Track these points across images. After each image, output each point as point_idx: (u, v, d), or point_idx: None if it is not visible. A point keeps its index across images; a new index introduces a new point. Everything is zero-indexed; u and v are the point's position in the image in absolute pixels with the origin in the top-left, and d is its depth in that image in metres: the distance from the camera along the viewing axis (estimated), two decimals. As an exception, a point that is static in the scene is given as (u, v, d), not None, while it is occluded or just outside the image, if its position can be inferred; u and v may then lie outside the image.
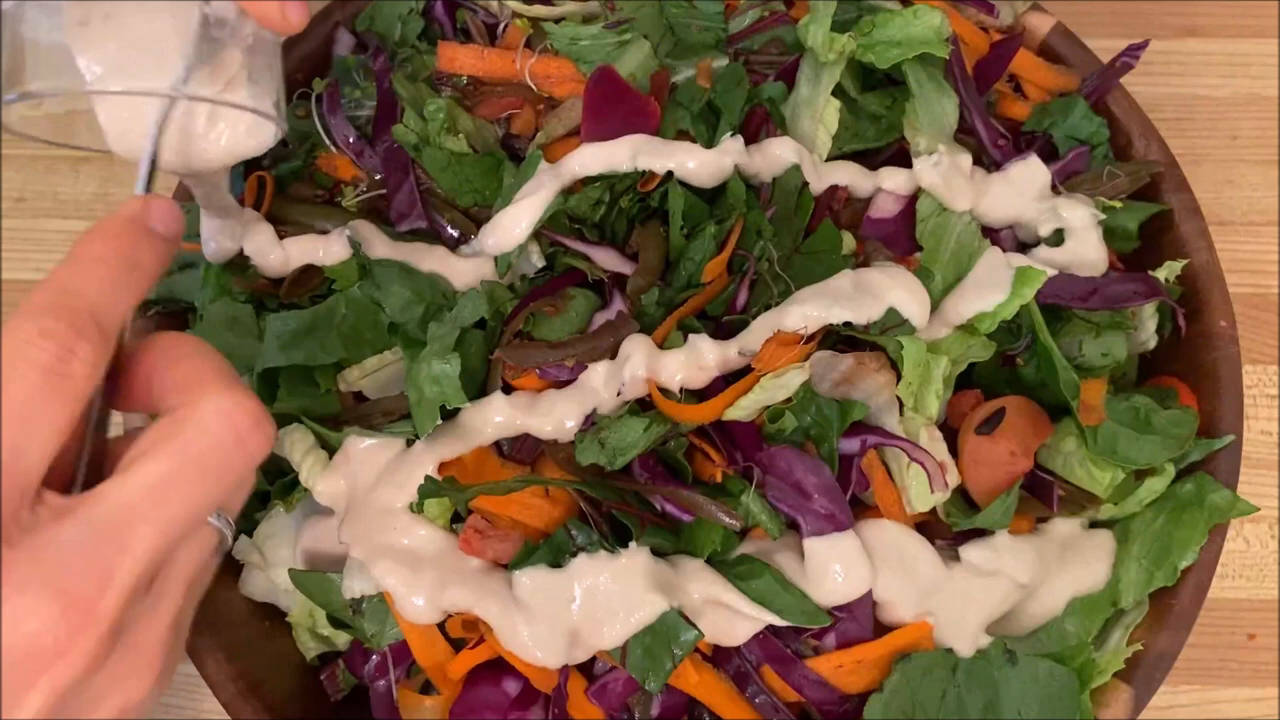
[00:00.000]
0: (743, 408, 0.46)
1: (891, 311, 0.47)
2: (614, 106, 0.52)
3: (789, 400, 0.46)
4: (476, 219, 0.54)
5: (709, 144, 0.52)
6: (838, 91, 0.53)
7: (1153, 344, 0.53)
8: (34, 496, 0.28)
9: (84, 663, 0.28)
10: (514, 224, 0.50)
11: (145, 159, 0.36)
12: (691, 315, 0.49)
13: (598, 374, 0.47)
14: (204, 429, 0.31)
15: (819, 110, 0.53)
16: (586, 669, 0.47)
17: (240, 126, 0.41)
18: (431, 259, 0.52)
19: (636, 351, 0.47)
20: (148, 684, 0.31)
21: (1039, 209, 0.52)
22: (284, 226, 0.53)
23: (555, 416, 0.47)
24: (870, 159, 0.54)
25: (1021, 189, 0.53)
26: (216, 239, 0.49)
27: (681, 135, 0.53)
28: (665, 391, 0.47)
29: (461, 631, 0.47)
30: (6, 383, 0.28)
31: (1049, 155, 0.55)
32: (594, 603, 0.44)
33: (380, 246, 0.51)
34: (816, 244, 0.51)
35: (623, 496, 0.46)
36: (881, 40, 0.52)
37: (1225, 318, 0.52)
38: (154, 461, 0.30)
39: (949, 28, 0.52)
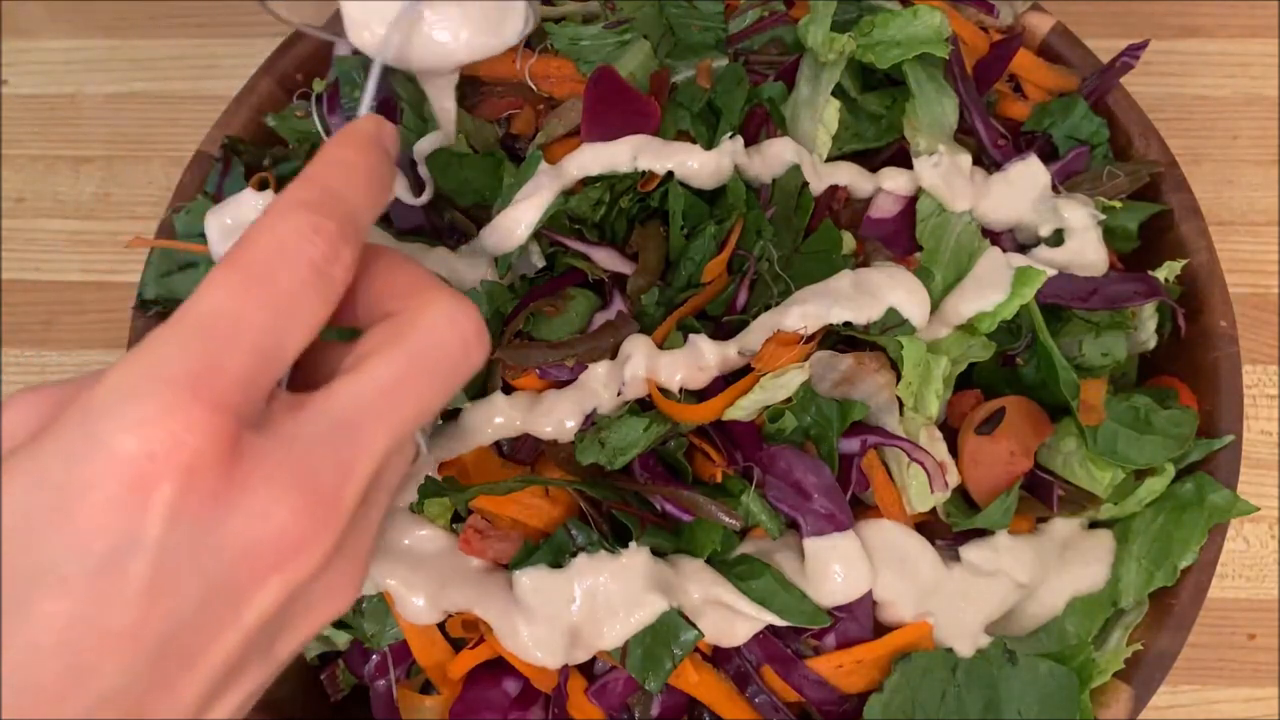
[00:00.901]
0: (743, 408, 0.46)
1: (891, 311, 0.47)
2: (614, 106, 0.52)
3: (789, 400, 0.46)
4: (476, 219, 0.54)
5: (709, 144, 0.52)
6: (838, 91, 0.53)
7: (1153, 344, 0.53)
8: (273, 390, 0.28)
9: (315, 563, 0.27)
10: (514, 225, 0.50)
11: (376, 68, 0.35)
12: (691, 315, 0.49)
13: (598, 374, 0.47)
14: (433, 332, 0.30)
15: (819, 110, 0.53)
16: (586, 669, 0.47)
17: (480, 22, 0.40)
18: (431, 259, 0.52)
19: (636, 351, 0.47)
20: (351, 597, 0.30)
21: (1039, 209, 0.52)
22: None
23: (555, 417, 0.47)
24: (870, 159, 0.54)
25: (1021, 189, 0.53)
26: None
27: (681, 135, 0.53)
28: (665, 391, 0.47)
29: (461, 631, 0.47)
30: (279, 269, 0.27)
31: (1049, 155, 0.55)
32: (594, 603, 0.44)
33: (380, 246, 0.52)
34: (816, 244, 0.51)
35: (623, 496, 0.46)
36: (881, 40, 0.52)
37: (1225, 318, 0.52)
38: (385, 362, 0.29)
39: (949, 28, 0.52)
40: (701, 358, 0.47)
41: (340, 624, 0.50)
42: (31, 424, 0.27)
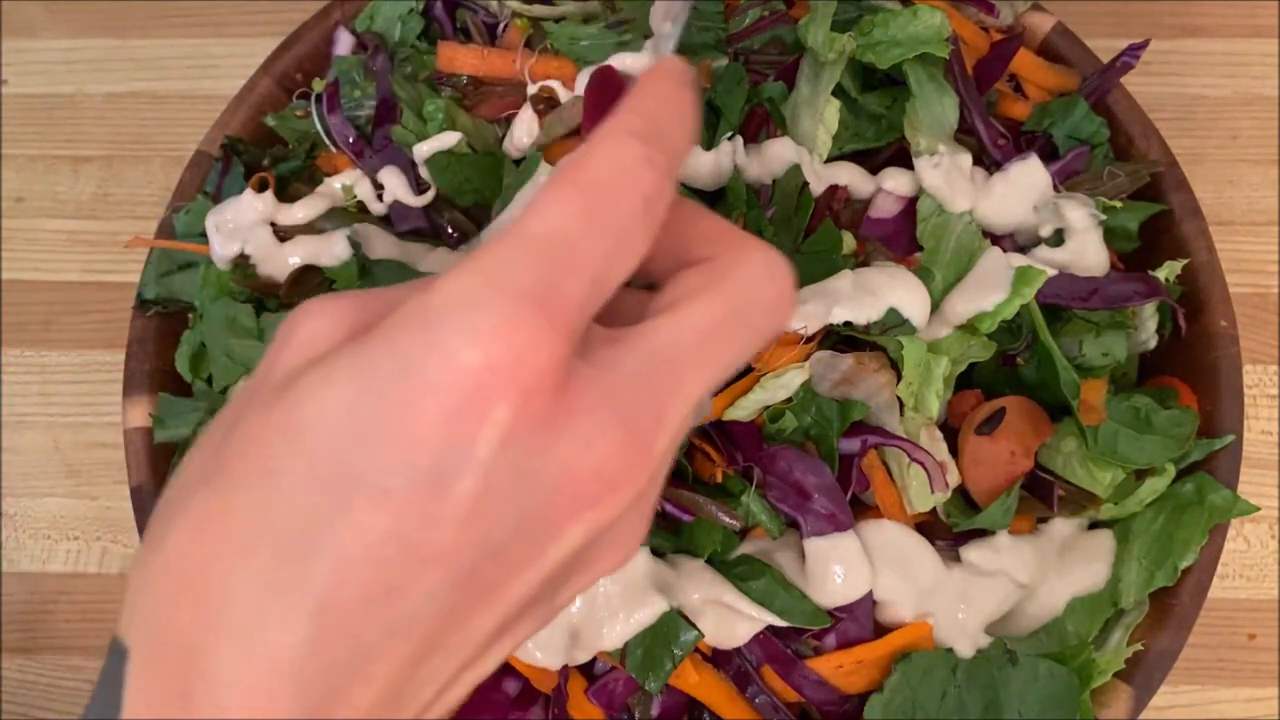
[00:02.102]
0: (743, 408, 0.46)
1: (892, 311, 0.47)
2: (614, 106, 0.52)
3: (789, 400, 0.46)
4: (476, 219, 0.54)
5: (709, 144, 0.52)
6: (838, 91, 0.53)
7: (1153, 344, 0.53)
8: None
9: (623, 505, 0.25)
10: (514, 226, 0.50)
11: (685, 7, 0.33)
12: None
13: (598, 374, 0.47)
14: (752, 281, 0.28)
15: (819, 110, 0.53)
16: (586, 669, 0.47)
17: None
18: (431, 259, 0.52)
19: (637, 351, 0.47)
20: (631, 552, 0.28)
21: (1039, 209, 0.52)
22: (285, 227, 0.53)
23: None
24: (870, 159, 0.54)
25: (1022, 189, 0.53)
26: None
27: (681, 135, 0.53)
28: (665, 391, 0.47)
29: (461, 631, 0.47)
30: (618, 198, 0.26)
31: (1049, 155, 0.55)
32: (594, 603, 0.44)
33: (380, 247, 0.52)
34: (816, 244, 0.51)
35: (623, 496, 0.46)
36: (882, 40, 0.52)
37: (1225, 318, 0.52)
38: (705, 305, 0.27)
39: (949, 27, 0.52)
40: (702, 358, 0.47)
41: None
42: (335, 335, 0.25)
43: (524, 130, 0.54)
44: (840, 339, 0.48)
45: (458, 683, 0.26)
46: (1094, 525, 0.50)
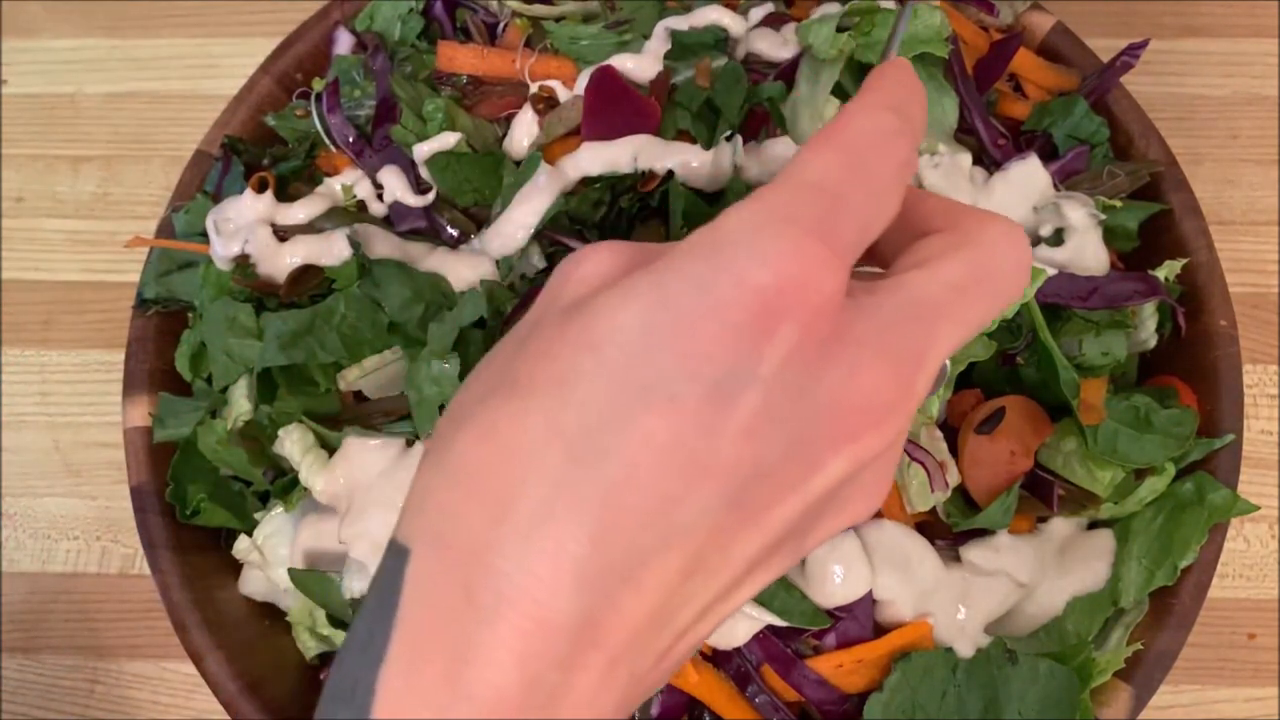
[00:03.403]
0: (743, 407, 0.46)
1: (891, 311, 0.47)
2: (614, 107, 0.52)
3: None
4: (476, 219, 0.54)
5: (709, 144, 0.52)
6: (837, 91, 0.53)
7: (1153, 343, 0.53)
8: None
9: (884, 441, 0.25)
10: (515, 229, 0.50)
11: (906, 11, 0.36)
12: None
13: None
14: (996, 244, 0.28)
15: (819, 109, 0.53)
16: (586, 669, 0.47)
17: None
18: (431, 259, 0.52)
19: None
20: (877, 503, 0.29)
21: (1039, 208, 0.52)
22: (284, 226, 0.53)
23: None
24: (870, 158, 0.54)
25: (1022, 189, 0.53)
26: None
27: (681, 135, 0.53)
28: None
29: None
30: (878, 159, 0.27)
31: (1049, 155, 0.55)
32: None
33: (380, 246, 0.52)
34: (816, 243, 0.51)
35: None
36: (881, 40, 0.52)
37: (1225, 317, 0.52)
38: (956, 263, 0.28)
39: (949, 27, 0.52)
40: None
41: (340, 624, 0.50)
42: (618, 268, 0.27)
43: (524, 130, 0.54)
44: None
45: (709, 614, 0.26)
46: (1094, 525, 0.50)
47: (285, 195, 0.55)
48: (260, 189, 0.54)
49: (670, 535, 0.23)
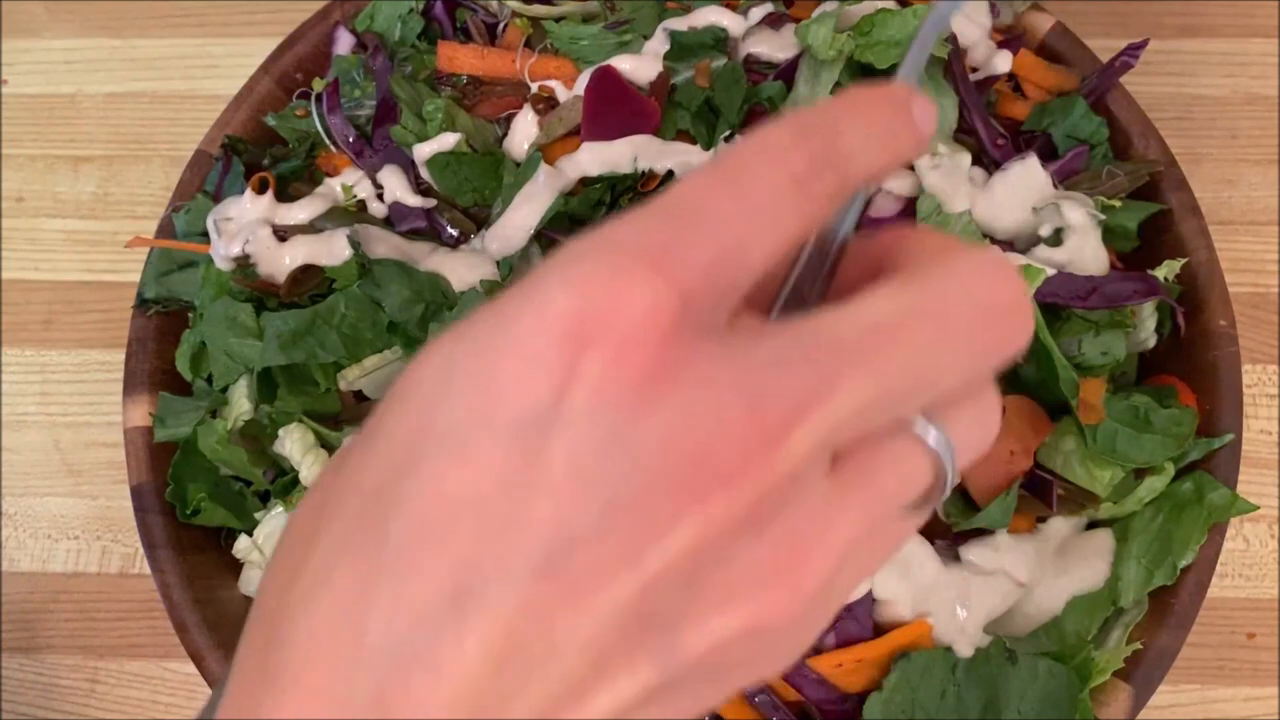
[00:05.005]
0: (742, 407, 0.46)
1: (891, 311, 0.47)
2: (614, 106, 0.52)
3: (789, 399, 0.46)
4: (476, 219, 0.54)
5: (708, 144, 0.52)
6: (837, 90, 0.53)
7: (1152, 343, 0.53)
8: (736, 305, 0.23)
9: (739, 510, 0.20)
10: (515, 230, 0.50)
11: (919, 46, 0.32)
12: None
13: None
14: (952, 276, 0.23)
15: (819, 110, 0.53)
16: (586, 668, 0.47)
17: None
18: (432, 259, 0.52)
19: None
20: (791, 656, 0.23)
21: (1038, 208, 0.52)
22: (284, 226, 0.53)
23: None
24: (870, 158, 0.54)
25: (1021, 189, 0.53)
26: None
27: (681, 135, 0.53)
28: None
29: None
30: (754, 170, 0.23)
31: (1049, 155, 0.55)
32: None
33: (380, 246, 0.52)
34: (816, 243, 0.51)
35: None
36: (880, 40, 0.52)
37: (1225, 317, 0.52)
38: (883, 300, 0.22)
39: (949, 27, 0.52)
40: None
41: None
42: None
43: (524, 130, 0.54)
44: (840, 338, 0.48)
45: None
46: (1093, 524, 0.50)
47: (285, 195, 0.55)
48: (260, 189, 0.54)
49: (467, 606, 0.19)
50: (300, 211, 0.53)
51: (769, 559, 0.21)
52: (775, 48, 0.55)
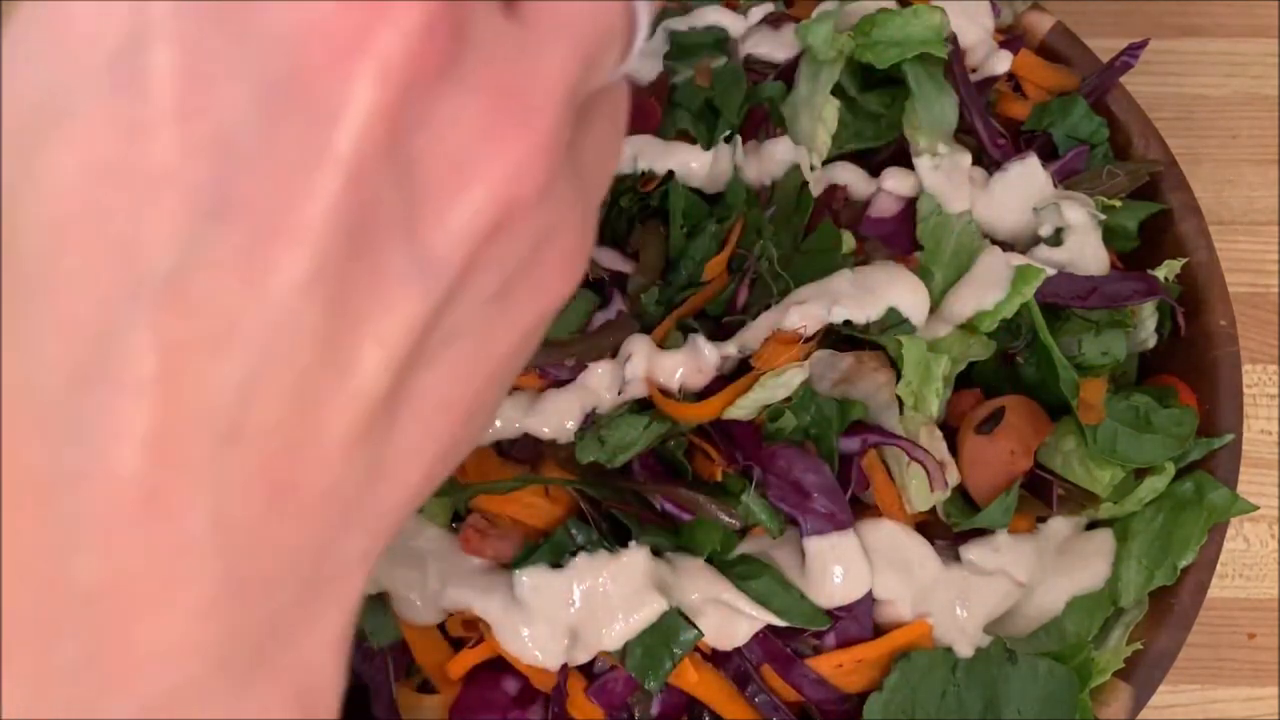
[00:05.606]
0: (742, 407, 0.46)
1: (891, 310, 0.47)
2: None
3: (789, 399, 0.46)
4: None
5: (708, 144, 0.52)
6: (837, 91, 0.53)
7: (1152, 343, 0.53)
8: None
9: (419, 43, 0.16)
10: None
11: None
12: (691, 315, 0.49)
13: (598, 374, 0.47)
14: None
15: (818, 109, 0.53)
16: (586, 668, 0.47)
17: None
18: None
19: (637, 351, 0.47)
20: (579, 256, 0.20)
21: (1039, 208, 0.52)
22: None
23: (555, 417, 0.47)
24: (870, 158, 0.54)
25: (1021, 188, 0.53)
26: None
27: (681, 135, 0.53)
28: (665, 391, 0.47)
29: (461, 631, 0.47)
30: None
31: (1048, 155, 0.55)
32: (594, 603, 0.44)
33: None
34: (816, 243, 0.51)
35: (622, 496, 0.46)
36: (881, 40, 0.52)
37: (1225, 317, 0.52)
38: None
39: (948, 27, 0.52)
40: (701, 358, 0.47)
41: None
42: None
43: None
44: (840, 338, 0.48)
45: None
46: (1093, 524, 0.50)
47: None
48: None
49: (118, 342, 0.16)
50: None
51: (483, 106, 0.17)
52: (775, 48, 0.55)
